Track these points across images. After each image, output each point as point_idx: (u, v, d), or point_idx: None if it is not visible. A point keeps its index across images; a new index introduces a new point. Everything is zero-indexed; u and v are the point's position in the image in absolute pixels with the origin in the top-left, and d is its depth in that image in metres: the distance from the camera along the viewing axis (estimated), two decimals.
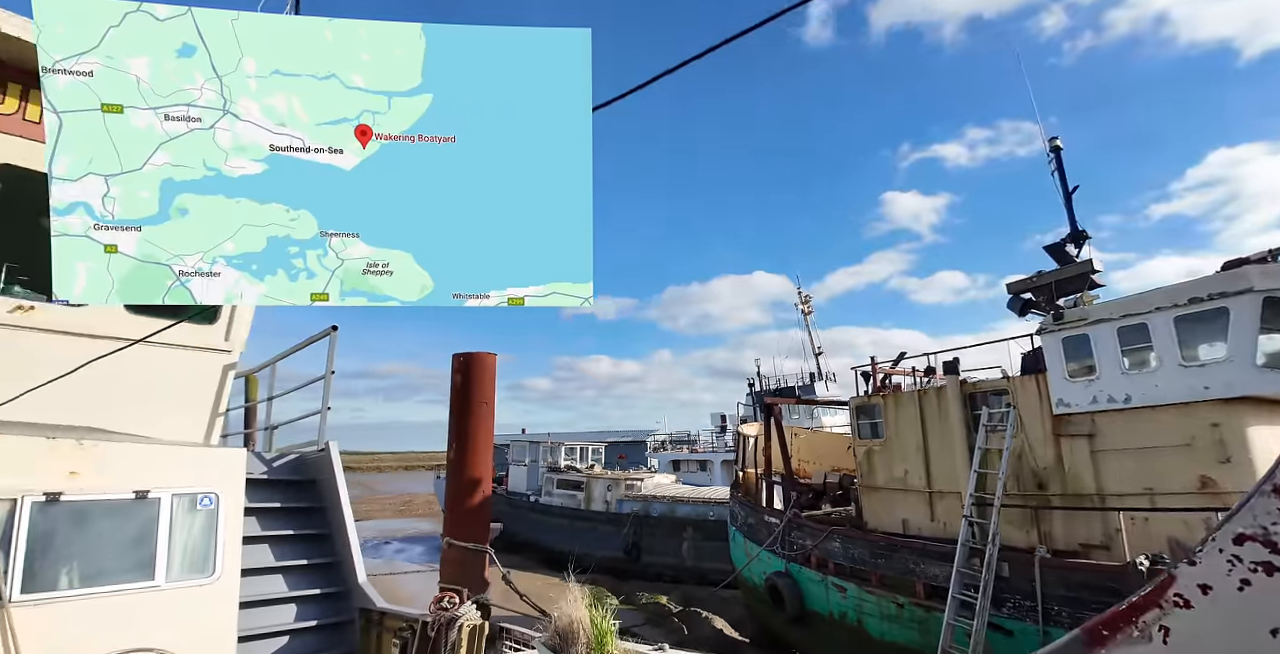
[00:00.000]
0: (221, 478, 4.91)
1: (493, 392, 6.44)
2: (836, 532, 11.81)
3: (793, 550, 12.75)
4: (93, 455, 4.44)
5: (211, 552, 4.64)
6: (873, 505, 12.31)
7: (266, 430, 8.02)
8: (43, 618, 3.89)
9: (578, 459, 30.52)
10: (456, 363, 6.38)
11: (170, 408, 5.77)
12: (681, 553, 22.04)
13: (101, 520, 4.32)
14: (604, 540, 23.51)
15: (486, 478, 6.17)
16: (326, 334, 6.42)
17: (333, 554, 5.55)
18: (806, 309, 35.70)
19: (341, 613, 5.24)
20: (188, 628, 4.31)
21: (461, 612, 3.88)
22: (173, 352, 5.69)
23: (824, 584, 11.85)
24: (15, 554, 3.91)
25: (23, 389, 4.97)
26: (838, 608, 11.57)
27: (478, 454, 6.15)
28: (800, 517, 13.20)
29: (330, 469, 5.89)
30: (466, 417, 6.15)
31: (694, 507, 22.69)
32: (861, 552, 11.09)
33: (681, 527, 22.27)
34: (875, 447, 12.38)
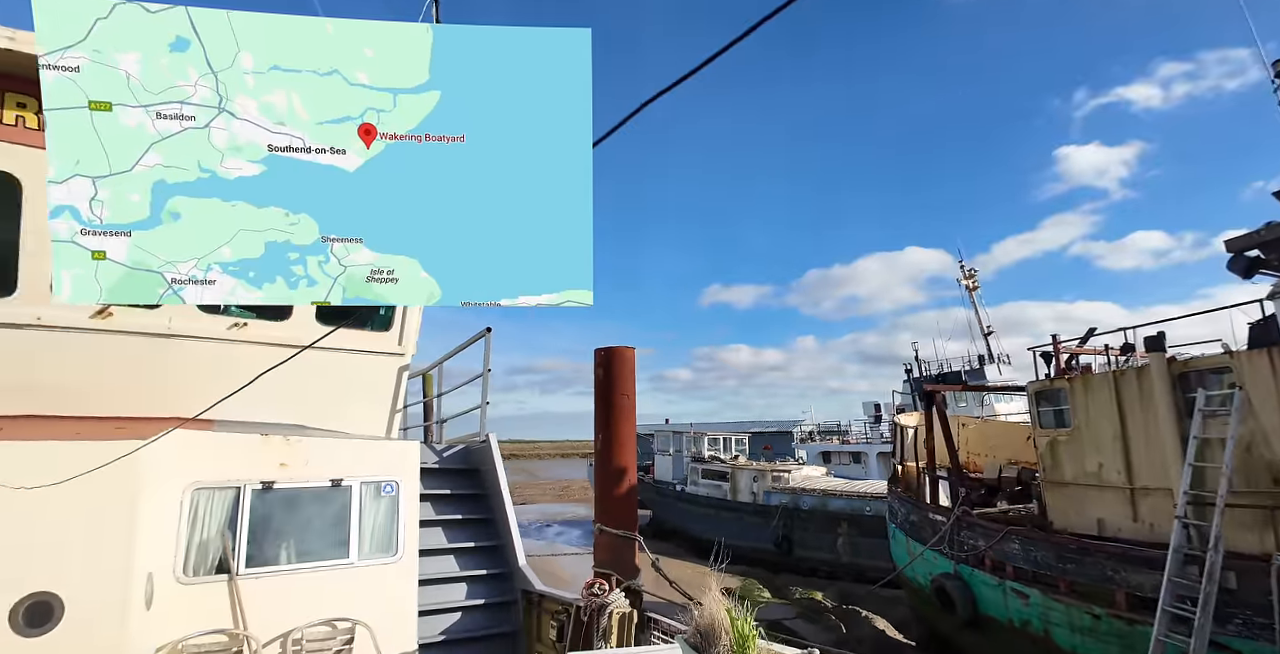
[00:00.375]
0: (400, 467, 5.46)
1: (633, 384, 6.56)
2: (1015, 532, 10.70)
3: (963, 551, 11.75)
4: (297, 449, 5.12)
5: (394, 533, 5.19)
6: (1059, 503, 10.97)
7: (438, 424, 8.85)
8: (262, 589, 4.57)
9: (721, 449, 30.42)
10: (598, 357, 6.58)
11: (357, 406, 6.53)
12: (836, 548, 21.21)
13: (306, 505, 4.99)
14: (751, 532, 23.26)
15: (631, 467, 6.31)
16: (481, 336, 6.91)
17: (496, 538, 5.98)
18: (971, 285, 32.15)
19: (505, 593, 5.63)
20: (376, 602, 4.85)
21: (611, 599, 3.99)
22: (357, 357, 6.43)
23: (1001, 589, 10.80)
24: (241, 534, 4.63)
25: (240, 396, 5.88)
26: (1018, 615, 10.49)
27: (622, 444, 6.32)
28: (971, 515, 12.12)
29: (491, 459, 6.35)
30: (609, 408, 6.33)
31: (848, 501, 21.72)
32: (1046, 555, 9.95)
33: (835, 521, 21.42)
34: (1061, 437, 11.01)
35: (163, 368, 5.49)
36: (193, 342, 5.55)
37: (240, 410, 5.81)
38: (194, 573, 4.41)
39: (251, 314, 6.00)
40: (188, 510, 4.52)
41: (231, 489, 4.73)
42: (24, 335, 5.01)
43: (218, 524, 4.61)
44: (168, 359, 5.48)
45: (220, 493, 4.70)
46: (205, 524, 4.59)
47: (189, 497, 4.57)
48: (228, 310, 5.92)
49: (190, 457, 4.65)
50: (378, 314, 6.79)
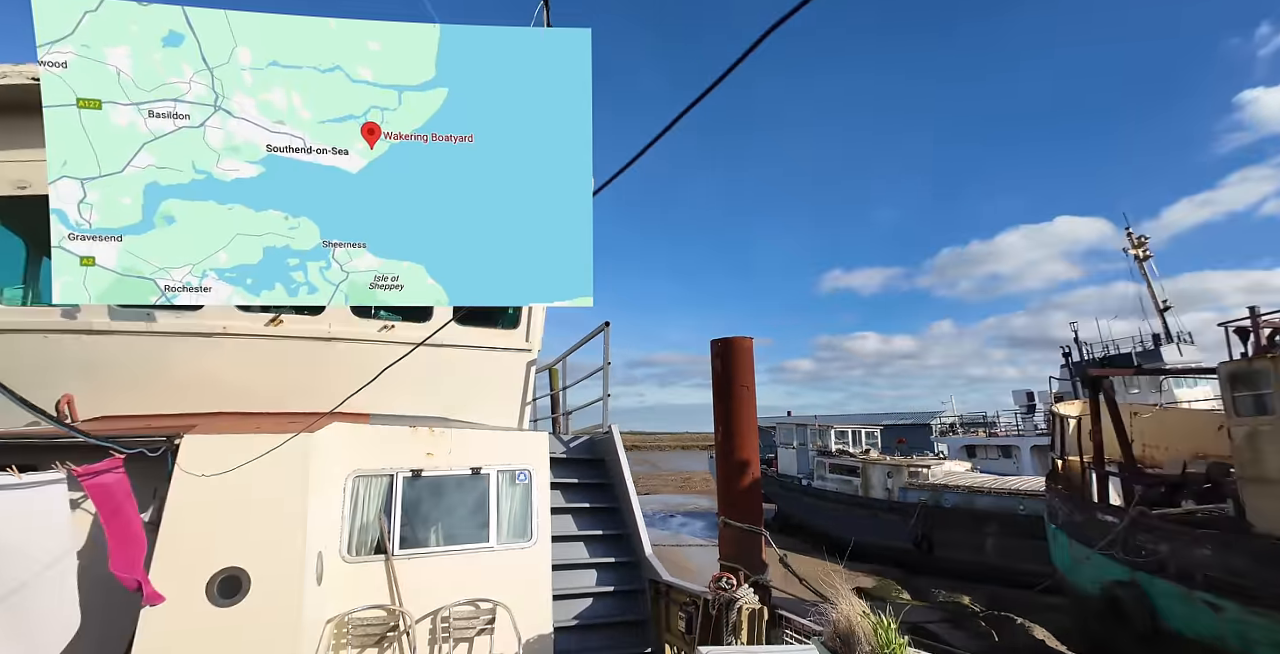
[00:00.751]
0: (532, 456, 5.72)
1: (751, 375, 6.40)
2: (1207, 536, 9.33)
3: (1140, 556, 10.42)
4: (441, 440, 5.51)
5: (528, 519, 5.44)
6: (1261, 503, 9.40)
7: (564, 416, 9.19)
8: (414, 569, 4.95)
9: (850, 443, 29.13)
10: (715, 349, 6.49)
11: (490, 399, 6.92)
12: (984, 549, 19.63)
13: (449, 492, 5.35)
14: (886, 530, 22.10)
15: (754, 460, 6.17)
16: (601, 330, 7.06)
17: (622, 527, 6.10)
18: (1142, 254, 27.62)
19: (633, 582, 5.72)
20: (514, 584, 5.11)
21: (740, 594, 3.91)
22: (489, 354, 6.81)
23: (1188, 599, 9.46)
24: (394, 518, 5.05)
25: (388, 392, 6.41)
26: (1209, 629, 9.14)
27: (743, 437, 6.19)
28: (1149, 515, 10.72)
29: (614, 449, 6.48)
30: (728, 400, 6.22)
31: (997, 499, 20.02)
32: (1245, 561, 8.58)
33: (982, 520, 19.82)
34: (1263, 426, 9.41)
35: (324, 368, 6.12)
36: (348, 344, 6.13)
37: (390, 404, 6.36)
38: (356, 553, 4.88)
39: (398, 317, 6.53)
40: (350, 496, 5.01)
41: (385, 476, 5.18)
42: (212, 343, 5.77)
43: (375, 509, 5.07)
44: (328, 360, 6.10)
45: (376, 480, 5.16)
46: (364, 508, 5.06)
47: (350, 483, 5.06)
48: (378, 314, 6.49)
49: (351, 447, 5.14)
50: (506, 313, 7.15)
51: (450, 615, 4.85)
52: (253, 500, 4.14)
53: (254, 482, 4.19)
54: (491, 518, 5.31)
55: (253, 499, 4.14)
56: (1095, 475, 12.72)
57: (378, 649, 4.66)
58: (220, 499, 4.01)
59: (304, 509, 4.23)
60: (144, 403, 5.74)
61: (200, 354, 5.76)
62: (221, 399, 5.74)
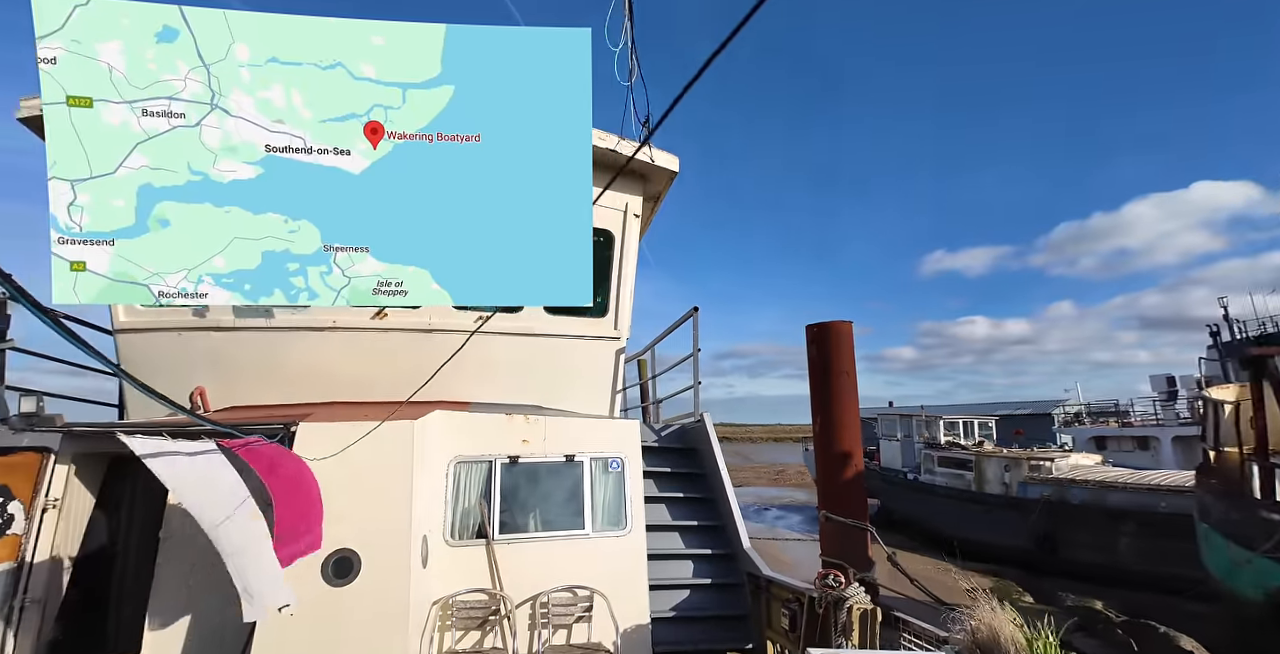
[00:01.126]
0: (625, 445, 5.68)
1: (852, 361, 6.05)
2: None
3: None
4: (536, 427, 5.57)
5: (622, 508, 5.40)
6: None
7: (654, 404, 9.14)
8: (512, 554, 5.03)
9: (960, 434, 27.37)
10: (810, 334, 6.18)
11: (582, 387, 6.96)
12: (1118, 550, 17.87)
13: (545, 479, 5.40)
14: (1001, 527, 20.59)
15: (856, 451, 5.83)
16: (689, 316, 6.91)
17: (717, 518, 5.94)
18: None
19: (730, 575, 5.56)
20: (609, 573, 5.08)
21: (849, 592, 3.66)
22: (579, 343, 6.84)
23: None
24: (494, 504, 5.16)
25: (485, 380, 6.58)
26: None
27: (844, 427, 5.87)
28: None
29: (707, 438, 6.33)
30: (827, 389, 5.91)
31: (1134, 494, 18.15)
32: None
33: (1116, 518, 18.04)
34: None
35: (426, 358, 6.35)
36: (446, 335, 6.33)
37: (489, 392, 6.53)
38: (458, 537, 5.02)
39: (492, 309, 6.69)
40: (452, 481, 5.16)
41: (485, 462, 5.30)
42: (323, 337, 6.12)
43: (475, 494, 5.20)
44: (429, 351, 6.33)
45: (476, 466, 5.29)
46: (466, 494, 5.20)
47: (452, 469, 5.21)
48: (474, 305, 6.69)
49: (452, 434, 5.30)
50: (596, 302, 7.16)
51: (549, 601, 4.89)
52: (362, 485, 4.33)
53: (363, 467, 4.38)
54: (586, 505, 5.32)
55: (362, 483, 4.33)
56: (1257, 468, 11.19)
57: (480, 632, 4.77)
58: (333, 483, 4.21)
59: (410, 493, 4.37)
60: (267, 393, 6.18)
61: (314, 347, 6.12)
62: (335, 389, 6.09)
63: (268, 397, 6.18)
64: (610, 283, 6.96)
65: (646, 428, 6.62)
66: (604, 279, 6.98)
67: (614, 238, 6.91)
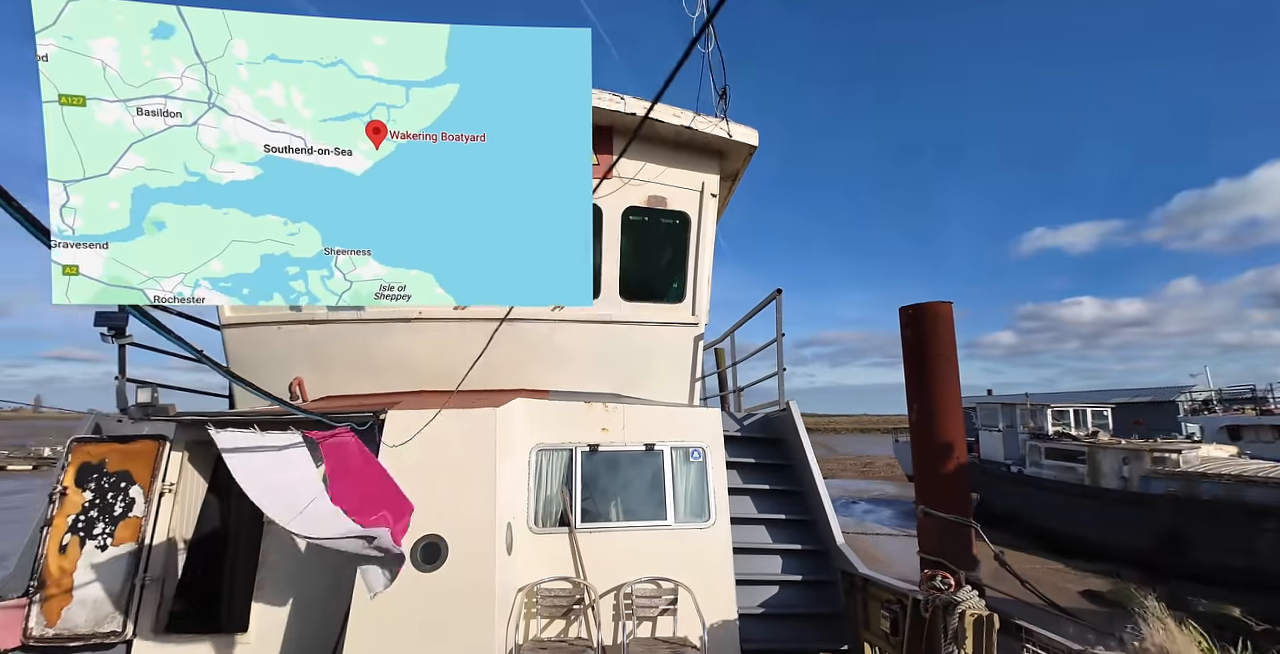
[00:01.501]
0: (706, 434, 5.49)
1: (952, 344, 5.58)
2: None
3: None
4: (615, 416, 5.47)
5: (705, 499, 5.22)
6: None
7: (734, 393, 8.87)
8: (595, 543, 4.95)
9: (1071, 424, 25.35)
10: (905, 316, 5.74)
11: (661, 375, 6.81)
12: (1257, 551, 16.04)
13: (625, 468, 5.29)
14: (1118, 524, 18.93)
15: (959, 441, 5.38)
16: (772, 299, 6.60)
17: (807, 512, 5.65)
18: None
19: (823, 572, 5.26)
20: (694, 566, 4.92)
21: (961, 596, 3.32)
22: (658, 329, 6.69)
23: None
24: (575, 492, 5.10)
25: (563, 368, 6.54)
26: None
27: (945, 415, 5.42)
28: None
29: (794, 428, 6.03)
30: (924, 374, 5.48)
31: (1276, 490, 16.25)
32: None
33: (1256, 516, 16.21)
34: None
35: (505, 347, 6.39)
36: (525, 324, 6.35)
37: (567, 381, 6.50)
38: (541, 524, 5.00)
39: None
40: (534, 469, 5.15)
41: (565, 450, 5.25)
42: (411, 327, 6.25)
43: (557, 482, 5.16)
44: (509, 340, 6.36)
45: (557, 454, 5.25)
46: (547, 481, 5.18)
47: (534, 457, 5.20)
48: None
49: (533, 421, 5.29)
50: (671, 287, 6.97)
51: (633, 593, 4.79)
52: (448, 471, 4.36)
53: (449, 454, 4.41)
54: (668, 495, 5.18)
55: (448, 470, 4.36)
56: None
57: (565, 621, 4.74)
58: (419, 470, 4.26)
59: (493, 480, 4.37)
60: (359, 383, 6.41)
61: (401, 338, 6.27)
62: (422, 378, 6.22)
63: (360, 386, 6.41)
64: (687, 267, 6.74)
65: (728, 417, 6.38)
66: (681, 263, 6.77)
67: (690, 219, 6.67)
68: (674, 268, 6.87)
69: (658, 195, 6.55)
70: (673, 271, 6.89)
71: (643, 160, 6.45)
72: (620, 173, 6.39)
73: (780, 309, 6.49)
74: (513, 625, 4.42)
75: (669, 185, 6.56)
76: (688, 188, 6.61)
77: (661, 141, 6.52)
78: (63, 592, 4.39)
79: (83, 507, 4.64)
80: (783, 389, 6.42)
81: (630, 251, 6.70)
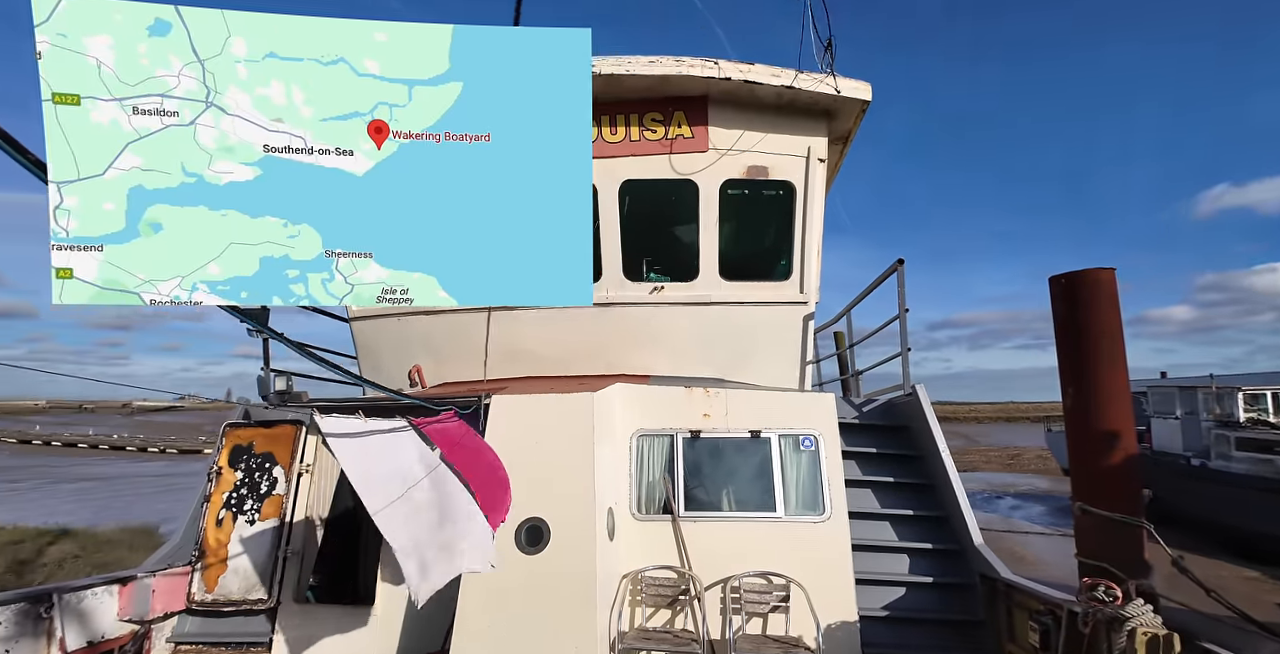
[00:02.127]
0: (818, 421, 5.10)
1: (1117, 318, 4.77)
2: None
3: None
4: (718, 401, 5.23)
5: (819, 491, 4.84)
6: None
7: (854, 376, 8.26)
8: (698, 532, 4.75)
9: (1269, 411, 21.62)
10: (1056, 288, 4.98)
11: (767, 358, 6.44)
12: None
13: (729, 456, 5.03)
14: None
15: (1127, 429, 4.60)
16: (893, 270, 6.01)
17: (939, 508, 5.09)
18: None
19: (958, 575, 4.72)
20: (806, 561, 4.57)
21: (1130, 611, 2.78)
22: (762, 309, 6.33)
23: None
24: (678, 479, 4.92)
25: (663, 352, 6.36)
26: None
27: (1108, 399, 4.65)
28: None
29: (922, 415, 5.46)
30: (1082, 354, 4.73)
31: None
32: None
33: None
34: None
35: (605, 332, 6.33)
36: (624, 308, 6.24)
37: (668, 365, 6.32)
38: (644, 511, 4.87)
39: (666, 277, 6.44)
40: (635, 454, 5.03)
41: (666, 436, 5.09)
42: (513, 315, 6.35)
43: (659, 468, 5.01)
44: (608, 324, 6.29)
45: (658, 440, 5.10)
46: (649, 467, 5.04)
47: (635, 442, 5.08)
48: (649, 276, 6.49)
49: (633, 407, 5.17)
50: (778, 264, 6.56)
51: (741, 586, 4.55)
52: (549, 455, 4.34)
53: (549, 438, 4.40)
54: (777, 485, 4.86)
55: (549, 454, 4.34)
56: None
57: (670, 611, 4.59)
58: (522, 453, 4.27)
59: (591, 464, 4.30)
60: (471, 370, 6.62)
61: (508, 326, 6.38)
62: (528, 365, 6.32)
63: (472, 373, 6.62)
64: (794, 240, 6.28)
65: (846, 403, 5.90)
66: (786, 237, 6.33)
67: (794, 189, 6.20)
68: (779, 242, 6.45)
69: (758, 165, 6.14)
70: (778, 246, 6.47)
71: (740, 129, 6.07)
72: (715, 144, 6.06)
73: (902, 282, 5.89)
74: (616, 612, 4.34)
75: (770, 153, 6.13)
76: (792, 154, 6.14)
77: (760, 106, 6.09)
78: (219, 561, 4.88)
79: (234, 485, 5.14)
80: (907, 371, 5.82)
81: (730, 227, 6.36)
